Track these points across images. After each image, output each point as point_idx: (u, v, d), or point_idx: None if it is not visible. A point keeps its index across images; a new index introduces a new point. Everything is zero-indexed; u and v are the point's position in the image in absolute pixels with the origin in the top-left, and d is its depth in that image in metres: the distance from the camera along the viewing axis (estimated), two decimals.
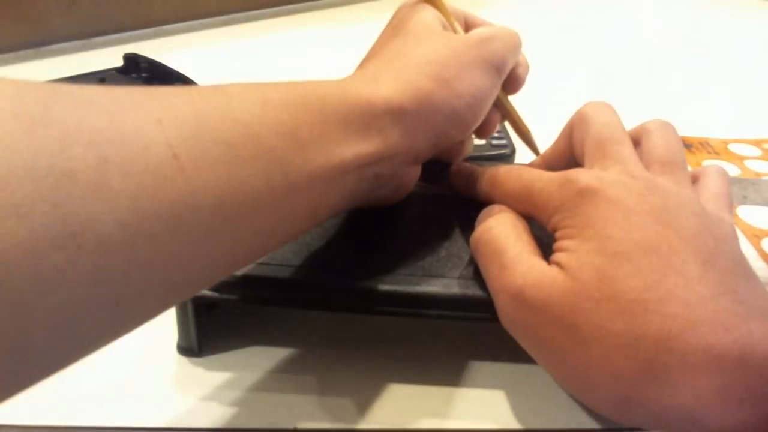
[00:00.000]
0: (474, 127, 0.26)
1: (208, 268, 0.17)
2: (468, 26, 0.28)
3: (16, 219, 0.12)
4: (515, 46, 0.26)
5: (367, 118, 0.21)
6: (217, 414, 0.22)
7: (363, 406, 0.23)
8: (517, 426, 0.22)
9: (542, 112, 0.34)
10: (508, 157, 0.39)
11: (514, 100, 0.29)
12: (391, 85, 0.22)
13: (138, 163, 0.14)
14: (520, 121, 0.29)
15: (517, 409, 0.23)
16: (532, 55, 0.29)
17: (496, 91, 0.26)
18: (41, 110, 0.13)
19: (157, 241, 0.15)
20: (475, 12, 0.29)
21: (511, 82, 0.28)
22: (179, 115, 0.16)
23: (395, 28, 0.26)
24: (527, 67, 0.28)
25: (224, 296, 0.23)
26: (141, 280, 0.15)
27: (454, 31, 0.27)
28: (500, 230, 0.22)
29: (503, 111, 0.28)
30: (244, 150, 0.17)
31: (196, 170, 0.15)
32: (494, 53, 0.25)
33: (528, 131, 0.30)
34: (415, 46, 0.24)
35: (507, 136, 0.40)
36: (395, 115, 0.22)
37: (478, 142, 0.40)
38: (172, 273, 0.16)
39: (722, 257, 0.19)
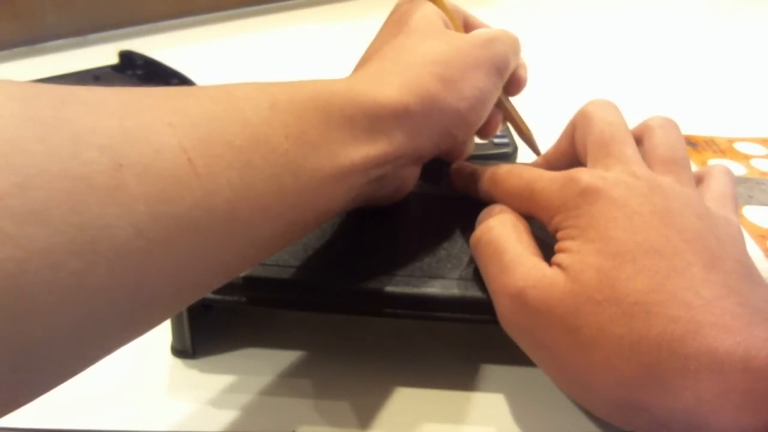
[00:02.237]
0: (476, 128, 0.25)
1: (218, 272, 0.17)
2: (467, 26, 0.28)
3: (35, 226, 0.12)
4: (516, 48, 0.26)
5: (373, 119, 0.21)
6: (213, 418, 0.22)
7: (361, 409, 0.23)
8: (516, 430, 0.22)
9: (545, 111, 0.34)
10: (509, 156, 0.38)
11: (516, 100, 0.28)
12: (396, 86, 0.22)
13: (153, 168, 0.14)
14: (521, 121, 0.29)
15: (516, 413, 0.23)
16: (534, 54, 0.28)
17: (498, 93, 0.26)
18: (53, 113, 0.13)
19: (172, 247, 0.14)
20: (475, 12, 0.29)
21: (513, 83, 0.28)
22: (189, 118, 0.16)
23: (397, 24, 0.26)
24: (527, 70, 0.28)
25: (220, 298, 0.23)
26: (155, 286, 0.14)
27: (456, 29, 0.27)
28: (500, 231, 0.22)
29: (504, 112, 0.28)
30: (255, 154, 0.17)
31: (210, 174, 0.15)
32: (497, 55, 0.25)
33: (529, 132, 0.30)
34: (419, 44, 0.24)
35: (509, 135, 0.40)
36: (401, 116, 0.22)
37: (479, 141, 0.39)
38: (185, 278, 0.15)
39: (726, 259, 0.19)
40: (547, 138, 0.28)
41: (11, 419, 0.21)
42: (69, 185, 0.12)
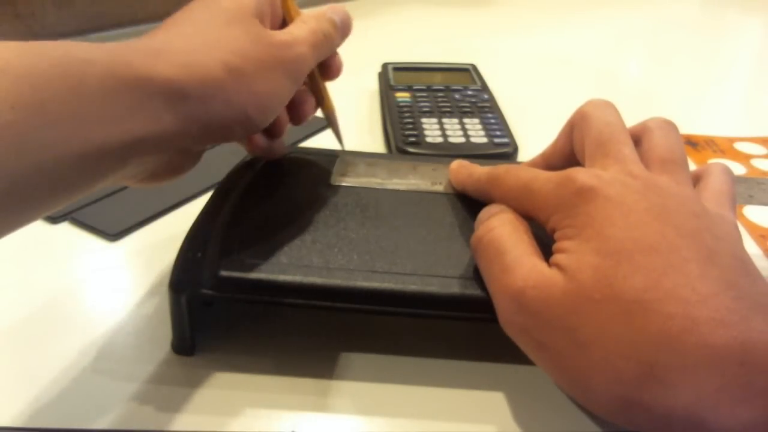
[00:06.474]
0: (263, 128, 0.24)
1: None
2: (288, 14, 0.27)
3: None
4: (321, 46, 0.26)
5: (139, 97, 0.19)
6: (213, 416, 0.22)
7: (362, 407, 0.23)
8: (516, 429, 0.22)
9: (544, 111, 0.34)
10: (509, 156, 0.38)
11: (518, 99, 0.28)
12: (177, 65, 0.20)
13: None
14: (331, 107, 0.30)
15: (516, 412, 0.23)
16: (533, 53, 0.28)
17: (290, 95, 0.25)
18: None
19: None
20: (475, 12, 0.28)
21: (328, 69, 0.28)
22: None
23: None
24: (341, 62, 0.29)
25: (221, 295, 0.23)
26: None
27: (290, 18, 0.26)
28: (502, 231, 0.22)
29: (317, 96, 0.29)
30: None
31: None
32: (296, 60, 0.24)
33: (335, 118, 0.30)
34: (221, 28, 0.22)
35: (509, 135, 0.40)
36: (173, 98, 0.20)
37: (479, 140, 0.39)
38: None
39: (723, 254, 0.19)
40: (547, 138, 0.28)
41: (11, 419, 0.22)
42: None
